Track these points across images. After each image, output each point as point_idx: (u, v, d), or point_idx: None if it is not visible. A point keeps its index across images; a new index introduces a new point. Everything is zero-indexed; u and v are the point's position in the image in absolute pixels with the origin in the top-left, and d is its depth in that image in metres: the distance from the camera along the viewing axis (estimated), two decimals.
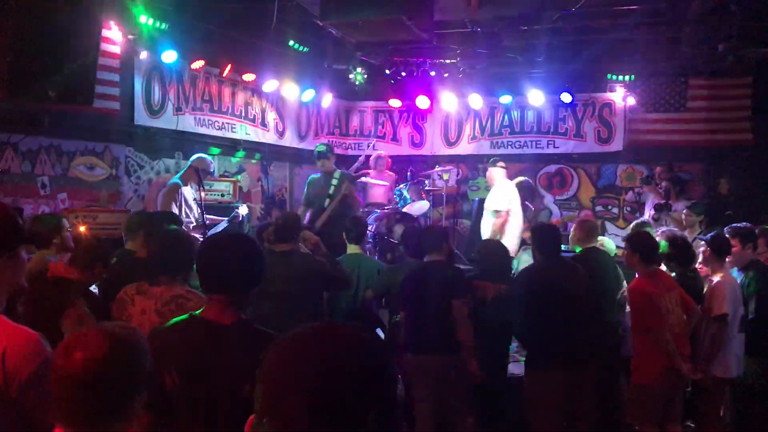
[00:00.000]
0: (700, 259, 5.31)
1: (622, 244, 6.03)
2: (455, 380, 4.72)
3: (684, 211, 7.30)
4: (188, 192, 6.77)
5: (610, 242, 6.25)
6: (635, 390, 4.78)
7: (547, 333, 4.65)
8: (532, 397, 4.78)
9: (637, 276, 4.86)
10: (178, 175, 6.98)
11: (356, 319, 5.42)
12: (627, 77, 9.77)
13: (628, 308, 5.60)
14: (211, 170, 7.09)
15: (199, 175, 6.67)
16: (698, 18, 7.51)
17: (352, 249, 5.73)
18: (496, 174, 8.21)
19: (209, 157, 7.15)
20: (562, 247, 5.29)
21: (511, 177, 8.58)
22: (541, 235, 5.02)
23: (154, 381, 2.05)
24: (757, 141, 9.37)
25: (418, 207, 9.28)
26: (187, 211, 6.69)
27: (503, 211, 7.86)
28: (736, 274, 5.22)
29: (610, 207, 10.47)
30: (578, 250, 5.77)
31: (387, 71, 9.90)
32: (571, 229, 6.08)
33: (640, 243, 4.83)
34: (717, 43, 7.81)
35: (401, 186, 9.52)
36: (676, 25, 8.07)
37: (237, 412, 1.75)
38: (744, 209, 8.57)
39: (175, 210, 6.47)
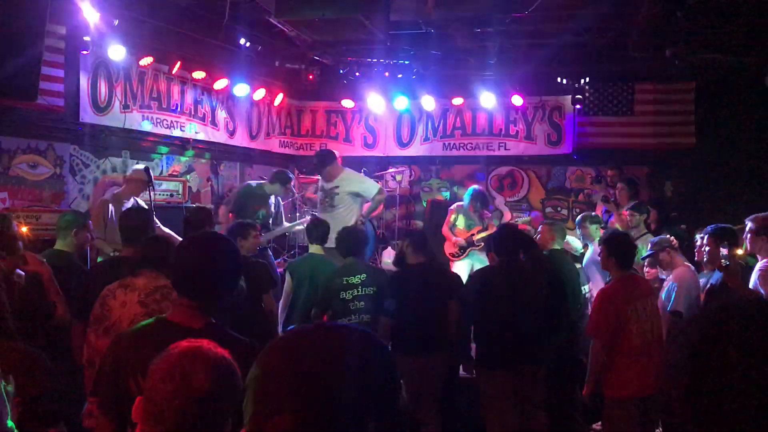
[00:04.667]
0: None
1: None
2: (438, 380, 4.86)
3: (627, 212, 7.43)
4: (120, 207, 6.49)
5: (575, 241, 6.30)
6: (609, 406, 4.57)
7: (499, 332, 4.69)
8: (485, 395, 4.80)
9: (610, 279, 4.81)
10: (113, 190, 6.77)
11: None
12: (576, 81, 9.94)
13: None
14: (148, 179, 6.41)
15: (143, 189, 6.48)
16: (646, 23, 7.68)
17: (314, 249, 5.65)
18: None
19: (141, 167, 6.66)
20: None
21: (462, 178, 8.65)
22: (505, 236, 5.03)
23: (118, 386, 1.95)
24: (699, 144, 9.65)
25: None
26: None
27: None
28: (717, 275, 5.10)
29: (559, 208, 10.63)
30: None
31: (340, 71, 9.83)
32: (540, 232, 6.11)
33: (615, 246, 4.72)
34: (664, 48, 8.00)
35: None
36: (624, 31, 8.25)
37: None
38: (687, 210, 8.82)
39: (101, 226, 6.13)
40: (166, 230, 6.19)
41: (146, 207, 6.40)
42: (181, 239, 4.65)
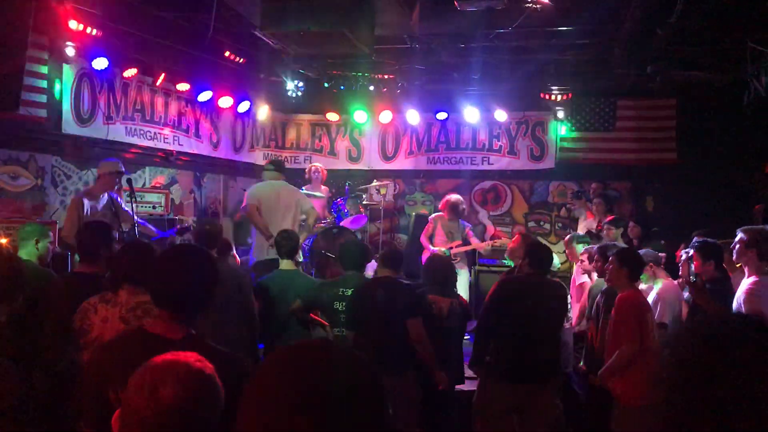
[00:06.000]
0: None
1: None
2: (404, 399, 4.65)
3: (605, 227, 7.48)
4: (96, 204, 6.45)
5: (554, 256, 6.34)
6: (624, 416, 4.49)
7: (514, 344, 4.67)
8: (481, 405, 4.77)
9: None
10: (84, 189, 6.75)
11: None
12: (559, 97, 10.03)
13: (567, 324, 5.71)
14: (121, 169, 6.53)
15: (116, 183, 6.49)
16: (627, 41, 7.78)
17: (284, 264, 5.47)
18: None
19: (113, 159, 6.75)
20: None
21: (446, 192, 8.69)
22: (540, 249, 5.08)
23: (100, 399, 1.94)
24: (680, 160, 9.76)
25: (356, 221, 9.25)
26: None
27: None
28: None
29: (542, 223, 10.70)
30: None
31: (325, 84, 9.86)
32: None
33: (628, 259, 4.70)
34: (645, 65, 8.11)
35: (339, 200, 9.47)
36: (607, 47, 8.34)
37: None
38: (669, 225, 8.89)
39: (75, 225, 5.95)
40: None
41: (116, 207, 6.41)
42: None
